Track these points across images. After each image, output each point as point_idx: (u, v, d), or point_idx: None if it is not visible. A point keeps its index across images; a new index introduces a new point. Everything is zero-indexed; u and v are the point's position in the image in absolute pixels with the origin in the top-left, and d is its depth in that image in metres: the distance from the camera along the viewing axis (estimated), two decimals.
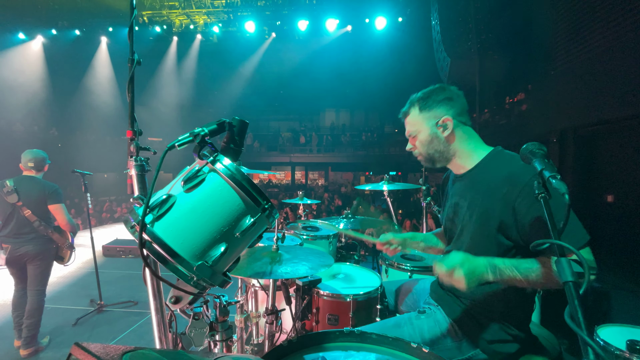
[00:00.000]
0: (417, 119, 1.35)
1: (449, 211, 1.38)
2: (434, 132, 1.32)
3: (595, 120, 5.12)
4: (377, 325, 1.41)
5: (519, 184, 1.11)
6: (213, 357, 0.73)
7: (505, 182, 1.16)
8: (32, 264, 2.99)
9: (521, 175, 1.12)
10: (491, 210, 1.18)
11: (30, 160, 3.02)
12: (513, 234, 1.15)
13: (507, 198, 1.14)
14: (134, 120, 1.04)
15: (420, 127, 1.34)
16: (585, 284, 0.69)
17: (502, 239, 1.18)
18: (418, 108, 1.34)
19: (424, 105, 1.33)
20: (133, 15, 1.03)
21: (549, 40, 5.99)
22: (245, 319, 2.10)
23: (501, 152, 1.29)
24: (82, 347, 0.58)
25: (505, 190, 1.15)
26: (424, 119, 1.33)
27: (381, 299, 1.78)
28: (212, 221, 0.80)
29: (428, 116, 1.32)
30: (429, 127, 1.32)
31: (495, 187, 1.18)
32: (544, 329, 1.52)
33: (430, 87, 1.37)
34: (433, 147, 1.33)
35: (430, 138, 1.32)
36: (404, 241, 1.60)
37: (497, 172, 1.21)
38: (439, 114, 1.31)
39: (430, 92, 1.34)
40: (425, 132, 1.33)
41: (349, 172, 22.76)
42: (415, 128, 1.36)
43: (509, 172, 1.16)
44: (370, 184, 3.56)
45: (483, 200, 1.21)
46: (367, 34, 13.29)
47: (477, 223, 1.22)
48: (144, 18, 13.27)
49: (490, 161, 1.27)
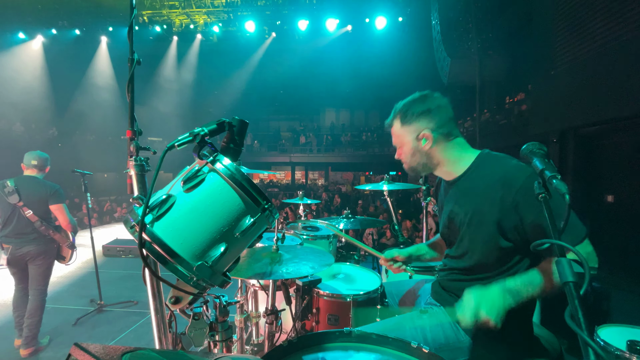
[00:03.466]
0: (399, 131, 1.35)
1: (445, 219, 1.38)
2: (415, 145, 1.31)
3: (595, 120, 5.12)
4: (378, 325, 1.40)
5: (515, 186, 1.11)
6: (213, 357, 0.73)
7: (499, 185, 1.15)
8: (34, 263, 2.99)
9: (515, 177, 1.12)
10: (488, 214, 1.18)
11: (34, 159, 3.03)
12: (513, 235, 1.15)
13: (504, 201, 1.13)
14: (134, 120, 1.04)
15: (403, 139, 1.34)
16: (585, 284, 0.69)
17: (501, 242, 1.17)
18: (399, 121, 1.34)
19: (403, 119, 1.33)
20: (133, 15, 1.03)
21: (549, 40, 5.98)
22: (245, 319, 2.10)
23: (489, 154, 1.28)
24: (82, 347, 0.58)
25: (500, 194, 1.14)
26: (405, 132, 1.33)
27: (381, 299, 1.77)
28: (211, 221, 0.80)
29: (408, 130, 1.32)
30: (410, 140, 1.32)
31: (489, 191, 1.18)
32: (544, 329, 1.52)
33: (411, 96, 1.35)
34: (415, 159, 1.33)
35: (412, 151, 1.33)
36: (408, 257, 1.62)
37: (489, 176, 1.20)
38: (418, 128, 1.30)
39: (409, 103, 1.33)
40: (407, 145, 1.33)
41: (349, 172, 22.77)
42: (399, 140, 1.36)
43: (502, 175, 1.16)
44: (370, 184, 3.55)
45: (478, 205, 1.21)
46: (367, 34, 13.30)
47: (475, 228, 1.22)
48: (144, 18, 13.27)
49: (480, 165, 1.27)
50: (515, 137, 9.07)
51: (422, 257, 1.65)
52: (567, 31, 5.52)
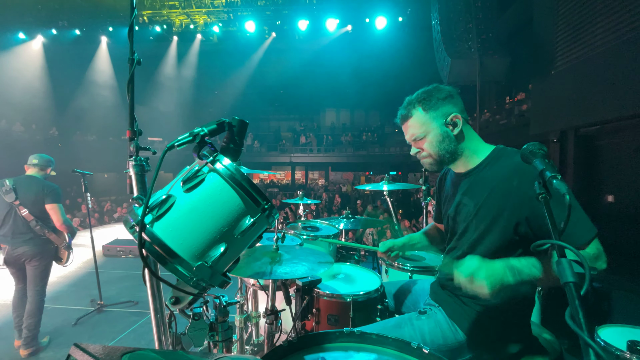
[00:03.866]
0: (423, 119, 1.28)
1: (451, 210, 1.37)
2: (444, 130, 1.27)
3: (595, 120, 5.12)
4: (378, 325, 1.40)
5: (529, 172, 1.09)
6: (213, 357, 0.73)
7: (514, 174, 1.15)
8: (31, 264, 2.99)
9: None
10: (501, 206, 1.17)
11: (35, 158, 3.04)
12: (524, 228, 1.14)
13: (520, 190, 1.12)
14: (133, 120, 1.04)
15: (429, 127, 1.28)
16: (586, 284, 0.69)
17: (510, 235, 1.16)
18: (421, 109, 1.29)
19: (428, 105, 1.28)
20: (133, 15, 1.03)
21: (549, 40, 5.98)
22: (245, 319, 2.10)
23: (504, 149, 1.29)
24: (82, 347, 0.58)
25: (515, 182, 1.13)
26: (432, 119, 1.27)
27: (381, 300, 1.77)
28: (211, 221, 0.80)
29: (435, 115, 1.27)
30: (438, 126, 1.27)
31: (504, 182, 1.17)
32: (544, 329, 1.52)
33: (424, 88, 1.33)
34: (444, 147, 1.28)
35: (442, 137, 1.27)
36: (402, 246, 1.64)
37: (503, 168, 1.20)
38: (447, 112, 1.27)
39: (429, 91, 1.30)
40: (435, 132, 1.28)
41: (349, 172, 22.78)
42: (423, 129, 1.29)
43: (516, 164, 1.14)
44: (371, 183, 3.55)
45: (490, 197, 1.20)
46: (367, 34, 13.28)
47: (485, 220, 1.21)
48: (144, 18, 13.25)
49: (495, 158, 1.27)
50: (515, 137, 9.07)
51: (415, 246, 1.68)
52: (568, 31, 5.52)
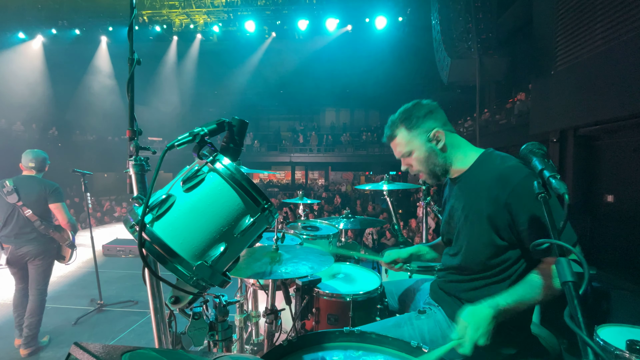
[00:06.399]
0: (408, 138, 1.33)
1: (446, 214, 1.40)
2: (429, 146, 1.31)
3: (595, 120, 5.11)
4: (377, 325, 1.41)
5: (510, 184, 1.12)
6: (212, 356, 0.73)
7: (496, 183, 1.17)
8: (33, 263, 2.99)
9: (511, 176, 1.13)
10: (483, 211, 1.19)
11: (32, 161, 3.02)
12: (507, 234, 1.16)
13: (498, 200, 1.15)
14: (133, 119, 1.04)
15: (414, 145, 1.32)
16: (584, 284, 0.69)
17: (496, 240, 1.18)
18: (404, 128, 1.33)
19: (409, 124, 1.32)
20: (133, 14, 1.03)
21: (549, 40, 5.98)
22: (245, 318, 2.10)
23: (492, 153, 1.30)
24: (82, 346, 0.58)
25: (495, 192, 1.16)
26: (416, 137, 1.32)
27: (381, 299, 1.77)
28: (211, 221, 0.80)
29: (418, 133, 1.31)
30: (422, 142, 1.31)
31: (486, 188, 1.19)
32: (543, 329, 1.52)
33: (404, 106, 1.36)
34: (432, 162, 1.32)
35: (428, 154, 1.31)
36: (408, 257, 1.65)
37: (488, 174, 1.22)
38: (429, 128, 1.30)
39: (408, 110, 1.34)
40: (420, 149, 1.32)
41: (349, 172, 22.78)
42: (409, 148, 1.33)
43: (499, 174, 1.17)
44: (370, 183, 3.55)
45: (475, 202, 1.22)
46: (367, 34, 13.27)
47: (471, 225, 1.23)
48: (144, 17, 13.25)
49: (482, 163, 1.28)
50: (515, 137, 9.07)
51: (423, 257, 1.68)
52: (568, 31, 5.52)
